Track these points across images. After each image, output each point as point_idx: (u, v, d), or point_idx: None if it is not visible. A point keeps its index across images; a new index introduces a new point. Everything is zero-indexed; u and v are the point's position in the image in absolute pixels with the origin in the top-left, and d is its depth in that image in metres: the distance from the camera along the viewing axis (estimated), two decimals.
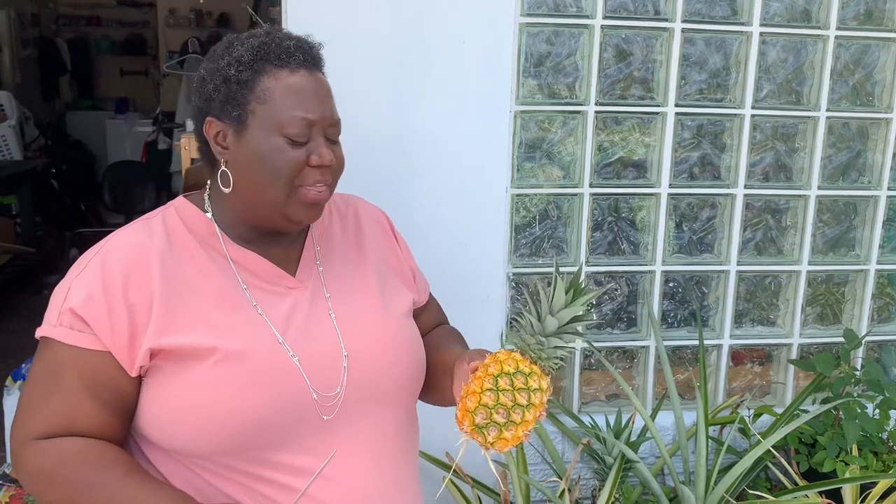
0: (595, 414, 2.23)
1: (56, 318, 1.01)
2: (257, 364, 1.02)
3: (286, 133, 1.03)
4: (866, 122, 2.27)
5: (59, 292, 1.03)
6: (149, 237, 1.06)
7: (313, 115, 1.04)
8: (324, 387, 1.06)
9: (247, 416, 1.00)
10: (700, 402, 2.10)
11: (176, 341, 1.00)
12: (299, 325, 1.08)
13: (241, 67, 1.04)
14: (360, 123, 1.92)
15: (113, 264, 1.02)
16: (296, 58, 1.05)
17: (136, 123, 6.66)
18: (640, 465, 2.02)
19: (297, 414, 1.03)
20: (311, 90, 1.05)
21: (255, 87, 1.03)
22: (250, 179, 1.05)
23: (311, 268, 1.14)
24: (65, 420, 1.00)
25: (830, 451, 2.08)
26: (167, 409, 1.01)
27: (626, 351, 2.31)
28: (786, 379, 2.39)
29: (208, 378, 0.99)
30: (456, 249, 2.02)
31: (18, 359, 2.84)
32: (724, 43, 2.16)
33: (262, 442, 1.01)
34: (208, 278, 1.05)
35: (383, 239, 1.27)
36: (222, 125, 1.06)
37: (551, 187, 2.16)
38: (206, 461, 1.03)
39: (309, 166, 1.04)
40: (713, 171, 2.24)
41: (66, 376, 1.00)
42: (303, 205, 1.05)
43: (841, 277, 2.37)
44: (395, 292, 1.22)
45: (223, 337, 1.01)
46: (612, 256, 2.23)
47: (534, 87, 2.09)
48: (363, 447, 1.08)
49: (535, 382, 0.97)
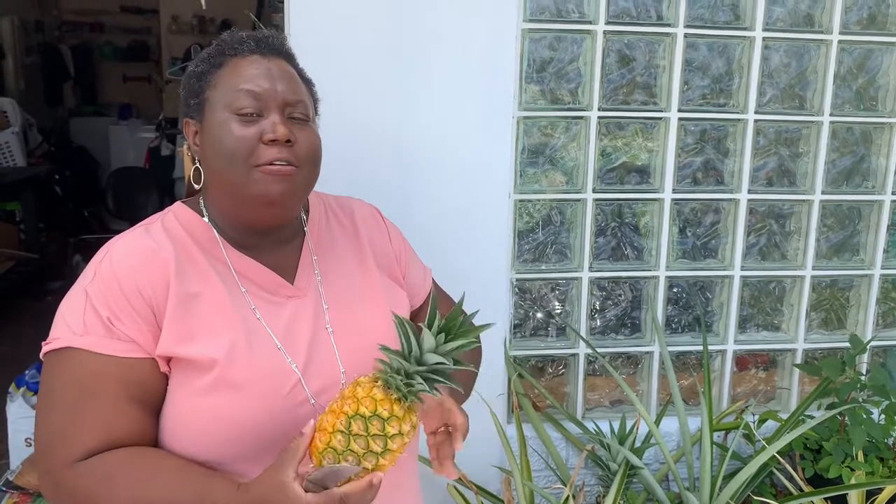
0: (599, 420, 2.22)
1: (81, 328, 0.97)
2: (259, 372, 1.02)
3: (234, 108, 1.03)
4: (870, 127, 2.26)
5: (76, 301, 1.00)
6: (154, 242, 1.05)
7: (259, 88, 1.04)
8: (323, 397, 1.05)
9: (246, 422, 1.00)
10: (704, 408, 2.09)
11: (187, 351, 1.00)
12: (298, 336, 1.08)
13: (201, 62, 1.09)
14: (363, 129, 1.93)
15: (124, 269, 1.01)
16: (247, 44, 1.07)
17: (139, 129, 6.68)
18: (645, 472, 2.01)
19: (295, 422, 1.03)
20: (260, 69, 1.06)
21: (210, 77, 1.07)
22: (212, 167, 1.06)
23: (308, 276, 1.14)
24: (108, 433, 0.96)
25: (836, 457, 2.07)
26: (173, 417, 1.01)
27: (630, 356, 2.31)
28: (790, 384, 2.38)
29: (213, 386, 0.99)
30: (459, 255, 2.02)
31: (22, 365, 2.84)
32: (726, 48, 2.16)
33: (258, 449, 1.01)
34: (211, 284, 1.05)
35: (378, 236, 1.27)
36: (192, 123, 1.09)
37: (554, 193, 2.15)
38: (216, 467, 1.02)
39: (263, 143, 1.03)
40: (716, 176, 2.24)
41: (103, 387, 0.96)
42: (264, 181, 1.03)
43: (845, 282, 2.36)
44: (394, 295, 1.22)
45: (227, 346, 1.01)
46: (616, 262, 2.23)
47: (536, 92, 2.09)
48: None
49: (395, 427, 0.88)
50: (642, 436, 2.16)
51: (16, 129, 5.42)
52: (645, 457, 2.17)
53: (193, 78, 1.09)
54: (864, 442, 2.05)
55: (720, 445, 2.20)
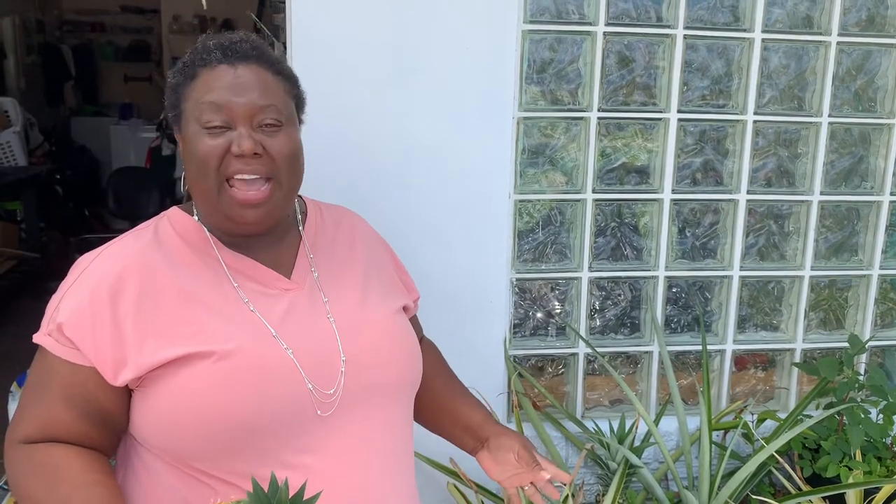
0: (598, 419, 2.23)
1: (45, 327, 1.05)
2: (250, 359, 1.03)
3: (201, 121, 1.05)
4: (868, 128, 2.27)
5: (53, 302, 1.07)
6: (141, 249, 1.08)
7: (223, 101, 1.04)
8: (320, 384, 1.06)
9: (244, 412, 1.01)
10: (703, 407, 2.10)
11: (174, 352, 1.01)
12: (295, 324, 1.09)
13: (176, 74, 1.10)
14: (362, 130, 1.94)
15: (101, 279, 1.04)
16: (214, 55, 1.07)
17: (140, 129, 6.69)
18: (644, 471, 2.02)
19: (293, 408, 1.04)
20: (226, 79, 1.06)
21: (185, 88, 1.08)
22: (190, 176, 1.09)
23: (305, 271, 1.15)
24: (44, 425, 1.04)
25: (834, 456, 2.08)
26: (165, 414, 1.02)
27: (629, 356, 2.32)
28: (789, 384, 2.39)
29: (206, 380, 1.01)
30: (459, 255, 2.03)
31: (23, 364, 2.82)
32: (726, 49, 2.17)
33: (258, 440, 1.02)
34: (203, 284, 1.07)
35: (379, 249, 1.29)
36: (176, 130, 1.12)
37: (554, 193, 2.17)
38: (207, 465, 1.04)
39: (232, 156, 1.04)
40: (716, 177, 2.25)
41: (51, 384, 1.04)
42: (235, 204, 1.05)
43: (844, 282, 2.37)
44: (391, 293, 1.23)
45: (219, 340, 1.03)
46: (616, 262, 2.24)
47: (536, 93, 2.10)
48: (359, 445, 1.09)
49: None
50: (641, 435, 2.17)
51: (17, 128, 5.43)
52: (644, 456, 2.18)
53: (170, 89, 1.11)
54: (862, 441, 2.06)
55: (719, 445, 2.21)
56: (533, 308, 2.25)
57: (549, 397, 2.21)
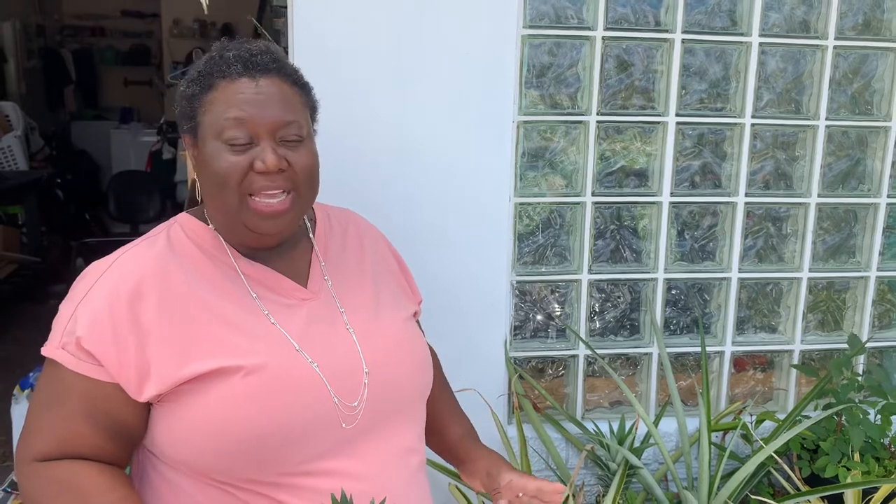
0: (598, 420, 2.24)
1: (59, 340, 1.00)
2: (278, 374, 1.02)
3: (224, 137, 1.03)
4: (865, 131, 2.29)
5: (64, 313, 1.02)
6: (157, 256, 1.05)
7: (248, 116, 1.03)
8: (344, 397, 1.06)
9: (272, 427, 1.00)
10: (703, 409, 2.12)
11: (197, 368, 1.00)
12: (317, 336, 1.08)
13: (192, 84, 1.08)
14: (363, 134, 1.96)
15: (118, 288, 1.01)
16: (235, 68, 1.05)
17: (140, 133, 6.70)
18: (644, 471, 2.03)
19: (320, 422, 1.04)
20: (248, 94, 1.04)
21: (202, 99, 1.06)
22: (207, 189, 1.07)
23: (320, 280, 1.15)
24: (61, 441, 1.01)
25: (833, 457, 2.09)
26: (192, 430, 1.01)
27: (629, 358, 2.33)
28: (788, 385, 2.40)
29: (232, 395, 1.00)
30: (460, 258, 2.05)
31: (25, 368, 2.85)
32: (723, 53, 2.18)
33: (284, 453, 1.02)
34: (221, 294, 1.05)
35: (385, 253, 1.30)
36: (188, 140, 1.10)
37: (554, 196, 2.18)
38: (229, 477, 1.03)
39: (255, 172, 1.03)
40: (714, 180, 2.26)
41: (66, 399, 1.00)
42: (256, 216, 1.04)
43: (842, 284, 2.39)
44: (401, 300, 1.24)
45: (243, 353, 1.01)
46: (615, 264, 2.26)
47: (536, 97, 2.12)
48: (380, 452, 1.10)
49: None
50: (641, 436, 2.19)
51: (18, 132, 5.45)
52: (644, 457, 2.19)
53: (185, 99, 1.08)
54: (861, 442, 2.08)
55: (718, 446, 2.22)
56: (533, 310, 2.26)
57: (550, 399, 2.22)
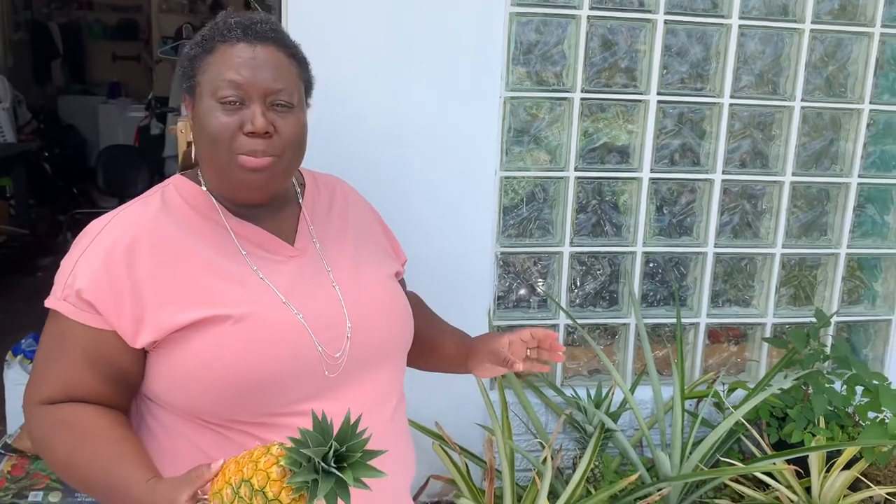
0: (577, 387, 2.33)
1: (61, 292, 1.07)
2: (265, 323, 1.08)
3: (217, 97, 1.09)
4: (839, 112, 2.37)
5: (65, 268, 1.09)
6: (152, 214, 1.11)
7: (241, 78, 1.08)
8: (330, 349, 1.13)
9: (258, 373, 1.07)
10: (677, 378, 2.20)
11: (189, 316, 1.06)
12: (303, 290, 1.15)
13: (195, 46, 1.14)
14: (353, 108, 2.01)
15: (115, 243, 1.07)
16: (235, 33, 1.11)
17: (128, 109, 6.68)
18: (619, 435, 2.12)
19: (304, 370, 1.10)
20: (245, 57, 1.09)
21: (202, 61, 1.12)
22: (199, 147, 1.14)
23: (307, 238, 1.22)
24: (65, 386, 1.08)
25: (799, 424, 2.19)
26: (184, 374, 1.07)
27: (607, 328, 2.42)
28: (759, 357, 2.50)
29: (222, 342, 1.06)
30: (447, 229, 2.11)
31: (16, 336, 2.90)
32: (704, 34, 2.25)
33: (270, 396, 1.08)
34: (212, 249, 1.12)
35: (369, 216, 1.36)
36: (187, 100, 1.16)
37: (538, 171, 2.25)
38: (220, 418, 1.09)
39: (243, 133, 1.09)
40: (693, 158, 2.34)
41: (68, 347, 1.07)
42: (243, 170, 1.10)
43: (813, 260, 2.48)
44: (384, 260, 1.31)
45: (232, 304, 1.08)
46: (596, 238, 2.33)
47: (523, 74, 2.18)
48: (362, 401, 1.17)
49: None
50: (618, 402, 2.27)
51: (6, 105, 5.43)
52: (620, 423, 2.28)
53: (187, 60, 1.14)
54: (825, 409, 2.17)
55: (691, 413, 2.31)
56: (516, 281, 2.34)
57: None
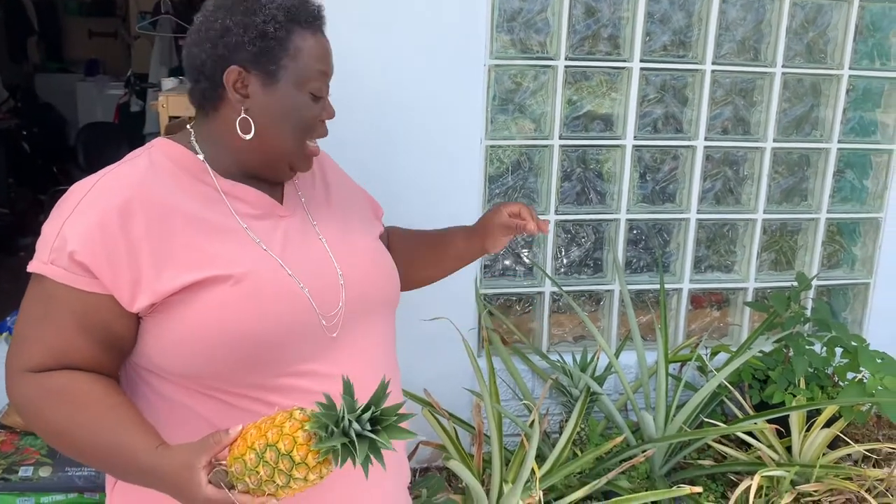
0: (563, 353, 2.36)
1: (47, 256, 1.02)
2: (263, 283, 1.09)
3: (311, 89, 1.14)
4: (819, 79, 2.40)
5: (49, 231, 1.04)
6: (141, 175, 1.09)
7: (328, 70, 1.17)
8: (325, 306, 1.14)
9: (260, 331, 1.07)
10: (661, 342, 2.24)
11: (188, 278, 1.04)
12: (295, 250, 1.16)
13: (277, 25, 1.12)
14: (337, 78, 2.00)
15: (108, 203, 1.04)
16: (319, 21, 1.17)
17: (106, 86, 6.58)
18: (604, 398, 2.16)
19: (303, 327, 1.11)
20: (327, 49, 1.17)
21: (289, 45, 1.12)
22: (273, 130, 1.13)
23: (295, 199, 1.24)
24: (56, 353, 1.04)
25: (780, 385, 2.23)
26: (184, 337, 1.06)
27: (592, 294, 2.45)
28: (742, 321, 2.54)
29: (223, 302, 1.05)
30: (433, 197, 2.12)
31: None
32: (686, 1, 2.26)
33: (270, 356, 1.09)
34: (204, 210, 1.11)
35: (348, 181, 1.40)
36: (248, 75, 1.11)
37: (523, 139, 2.26)
38: (219, 382, 1.09)
39: (320, 121, 1.17)
40: (675, 125, 2.36)
41: (58, 313, 1.03)
42: (306, 157, 1.18)
43: (794, 225, 2.52)
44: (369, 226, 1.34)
45: (230, 264, 1.07)
46: (580, 206, 2.35)
47: (507, 41, 2.19)
48: (359, 355, 1.19)
49: (301, 473, 0.89)
50: (602, 367, 2.31)
51: None
52: (605, 387, 2.32)
53: (270, 39, 1.10)
54: (805, 370, 2.22)
55: (675, 376, 2.35)
56: (502, 250, 2.35)
57: (517, 333, 2.33)
